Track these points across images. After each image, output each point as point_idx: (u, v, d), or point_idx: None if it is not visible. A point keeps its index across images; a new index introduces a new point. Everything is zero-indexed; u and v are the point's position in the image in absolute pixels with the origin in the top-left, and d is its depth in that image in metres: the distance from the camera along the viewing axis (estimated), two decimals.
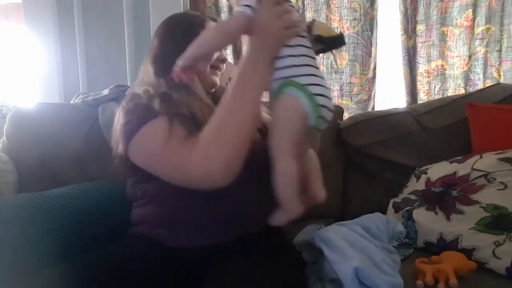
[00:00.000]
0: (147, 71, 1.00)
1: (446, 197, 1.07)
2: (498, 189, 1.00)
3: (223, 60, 1.03)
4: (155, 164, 0.85)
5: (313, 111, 0.74)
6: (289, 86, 0.75)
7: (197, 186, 0.81)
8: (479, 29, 1.66)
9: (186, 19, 1.03)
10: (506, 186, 1.00)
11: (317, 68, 0.79)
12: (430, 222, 1.05)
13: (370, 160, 1.39)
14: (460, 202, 1.01)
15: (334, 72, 1.83)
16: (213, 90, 1.03)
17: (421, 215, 1.09)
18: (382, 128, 1.39)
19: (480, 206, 0.97)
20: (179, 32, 0.99)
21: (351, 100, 1.83)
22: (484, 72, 1.67)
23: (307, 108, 0.74)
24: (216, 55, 0.99)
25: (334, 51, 1.05)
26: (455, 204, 1.00)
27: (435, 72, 1.74)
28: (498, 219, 0.94)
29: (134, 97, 0.90)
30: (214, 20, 1.05)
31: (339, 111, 1.52)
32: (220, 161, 0.77)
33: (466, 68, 1.70)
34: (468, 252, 0.92)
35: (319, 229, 1.02)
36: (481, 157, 1.05)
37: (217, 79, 1.02)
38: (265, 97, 0.84)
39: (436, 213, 1.06)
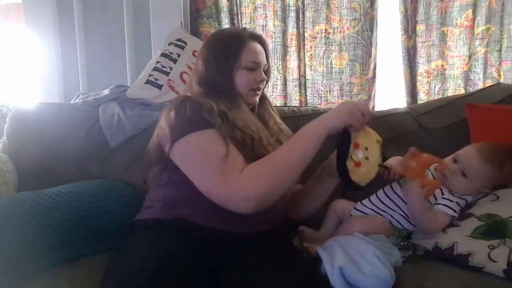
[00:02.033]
0: (193, 90, 1.05)
1: None
2: (491, 200, 1.02)
3: (262, 81, 1.09)
4: (196, 171, 0.90)
5: None
6: None
7: (228, 205, 0.87)
8: (479, 29, 1.66)
9: (225, 37, 1.09)
10: (498, 197, 1.02)
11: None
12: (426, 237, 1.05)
13: None
14: (457, 218, 1.02)
15: (334, 72, 1.83)
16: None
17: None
18: (381, 128, 1.38)
19: (475, 217, 0.98)
20: (220, 51, 1.05)
21: (351, 100, 1.82)
22: (484, 72, 1.67)
23: None
24: (253, 78, 1.06)
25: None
26: (453, 222, 1.02)
27: (435, 72, 1.74)
28: (492, 227, 0.94)
29: (191, 102, 0.94)
30: (254, 36, 1.09)
31: None
32: (260, 191, 0.85)
33: (466, 68, 1.70)
34: (464, 258, 0.91)
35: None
36: None
37: (257, 99, 1.11)
38: None
39: None
